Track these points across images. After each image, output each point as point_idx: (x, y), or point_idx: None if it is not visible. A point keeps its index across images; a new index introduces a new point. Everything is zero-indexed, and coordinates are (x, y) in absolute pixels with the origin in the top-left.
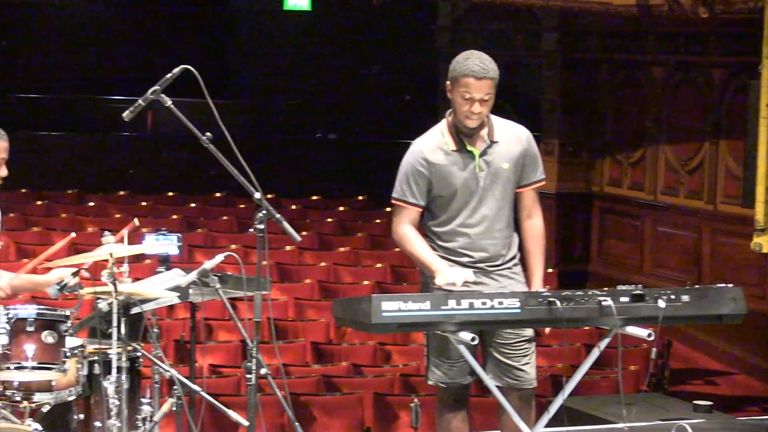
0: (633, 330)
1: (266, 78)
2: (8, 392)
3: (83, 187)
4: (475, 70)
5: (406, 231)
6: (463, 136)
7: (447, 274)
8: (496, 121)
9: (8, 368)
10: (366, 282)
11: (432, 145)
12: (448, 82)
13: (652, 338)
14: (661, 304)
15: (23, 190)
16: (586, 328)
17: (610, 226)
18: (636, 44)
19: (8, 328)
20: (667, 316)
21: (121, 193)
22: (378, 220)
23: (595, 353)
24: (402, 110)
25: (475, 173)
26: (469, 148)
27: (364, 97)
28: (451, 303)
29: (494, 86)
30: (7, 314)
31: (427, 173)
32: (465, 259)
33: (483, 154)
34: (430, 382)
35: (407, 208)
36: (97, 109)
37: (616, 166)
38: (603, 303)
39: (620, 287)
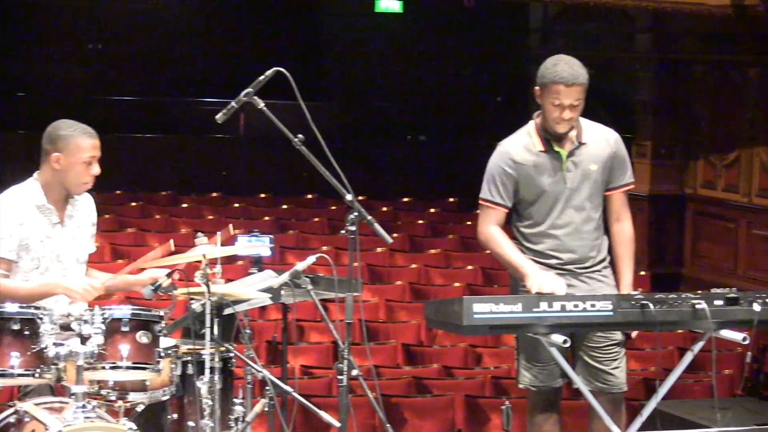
0: (727, 333)
1: (357, 80)
2: (103, 391)
3: (177, 189)
4: (564, 76)
5: (493, 232)
6: (551, 138)
7: (539, 280)
8: (585, 123)
9: (103, 368)
10: (457, 284)
11: (519, 146)
12: (536, 88)
13: (746, 342)
14: (756, 307)
15: (118, 192)
16: (680, 331)
17: (704, 228)
18: (731, 45)
19: (103, 328)
20: (762, 319)
21: (214, 194)
22: (469, 222)
23: (688, 357)
24: (493, 112)
25: (563, 174)
26: (556, 149)
27: (455, 98)
28: (543, 305)
29: (584, 91)
30: (103, 314)
31: (515, 174)
32: (553, 261)
33: (571, 155)
34: (520, 386)
35: (494, 208)
36: (190, 111)
37: (710, 168)
38: (697, 306)
39: (714, 290)
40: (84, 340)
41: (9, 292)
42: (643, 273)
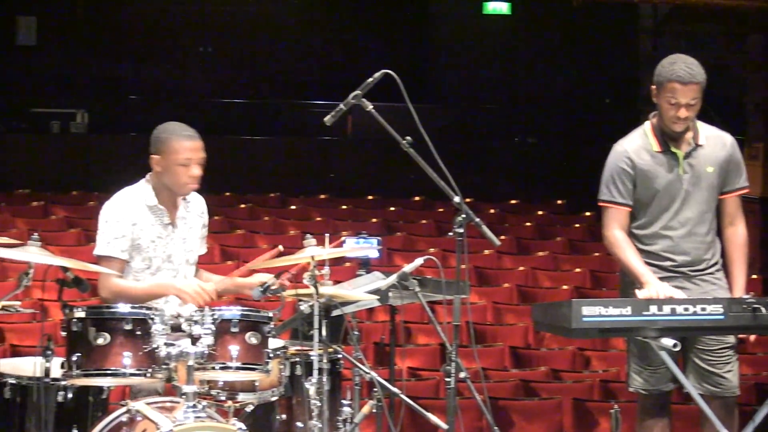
0: None
1: (465, 82)
2: (213, 392)
3: (286, 191)
4: (681, 75)
5: (617, 236)
6: (667, 138)
7: (656, 290)
8: (701, 125)
9: (213, 368)
10: (565, 287)
11: (636, 146)
12: (653, 86)
13: None
14: None
15: (228, 194)
16: None
17: None
18: None
19: (213, 328)
20: None
21: (322, 196)
22: (577, 225)
23: None
24: (602, 114)
25: (679, 175)
26: (673, 149)
27: (563, 100)
28: (653, 308)
29: (701, 90)
30: (212, 315)
31: (632, 173)
32: (667, 263)
33: (687, 156)
34: (631, 389)
35: (616, 209)
36: (299, 113)
37: None
38: None
39: None
40: (194, 340)
41: (123, 291)
42: (754, 276)
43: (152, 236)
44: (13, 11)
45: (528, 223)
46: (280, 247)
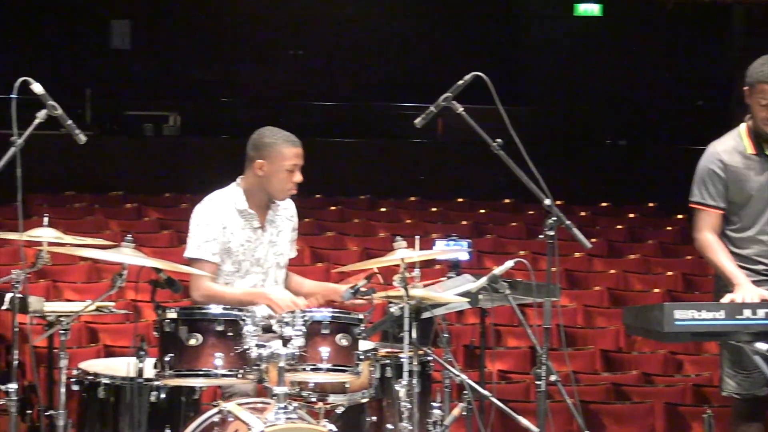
0: None
1: (556, 84)
2: (304, 393)
3: (375, 193)
4: None
5: (709, 239)
6: (762, 141)
7: (747, 293)
8: None
9: (304, 369)
10: (656, 290)
11: (729, 148)
12: (746, 87)
13: None
14: None
15: (318, 196)
16: None
17: None
18: None
19: (304, 330)
20: None
21: (412, 198)
22: (669, 228)
23: None
24: (694, 116)
25: None
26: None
27: (655, 102)
28: (747, 312)
29: None
30: (303, 317)
31: (723, 175)
32: (760, 267)
33: None
34: (724, 393)
35: (707, 211)
36: (389, 115)
37: None
38: None
39: None
40: (285, 342)
41: (215, 295)
42: None
43: (242, 240)
44: (107, 15)
45: (619, 226)
46: (375, 269)
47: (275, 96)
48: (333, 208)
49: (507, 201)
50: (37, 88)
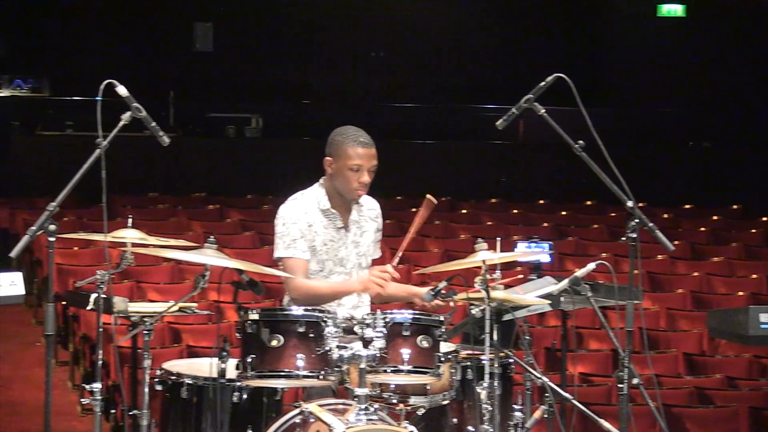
0: None
1: (639, 85)
2: (385, 394)
3: (456, 195)
4: None
5: None
6: None
7: None
8: None
9: (385, 371)
10: (741, 293)
11: None
12: None
13: None
14: None
15: (399, 197)
16: None
17: None
18: None
19: (385, 331)
20: None
21: (493, 200)
22: (753, 230)
23: None
24: None
25: None
26: None
27: (739, 103)
28: None
29: None
30: (384, 318)
31: None
32: None
33: None
34: None
35: None
36: (470, 117)
37: None
38: None
39: None
40: (366, 343)
41: (311, 290)
42: None
43: (325, 239)
44: (191, 18)
45: (702, 228)
46: (429, 197)
47: (356, 97)
48: (414, 210)
49: (589, 203)
50: (122, 90)
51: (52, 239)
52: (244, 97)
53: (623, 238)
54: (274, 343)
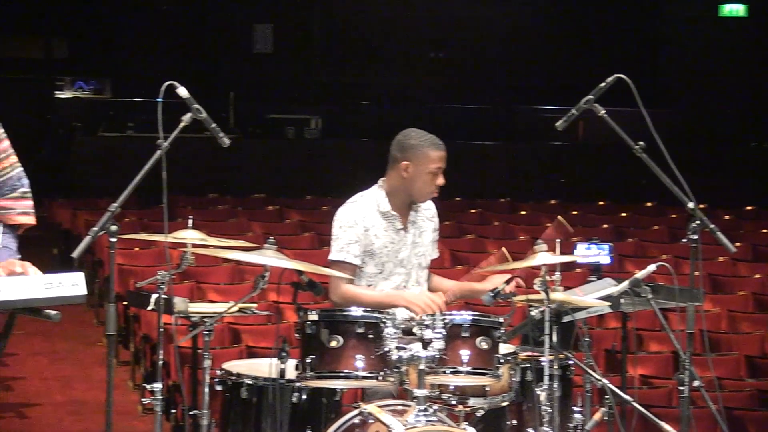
0: None
1: (699, 86)
2: (444, 396)
3: (515, 196)
4: None
5: None
6: None
7: None
8: None
9: (444, 372)
10: None
11: None
12: None
13: None
14: None
15: (458, 198)
16: None
17: None
18: None
19: (444, 333)
20: None
21: (552, 202)
22: None
23: None
24: None
25: None
26: None
27: None
28: None
29: None
30: (443, 320)
31: None
32: None
33: None
34: None
35: None
36: (530, 118)
37: None
38: None
39: None
40: (426, 344)
41: (353, 297)
42: None
43: (385, 242)
44: (250, 20)
45: (765, 230)
46: (504, 250)
47: (416, 98)
48: (473, 210)
49: (649, 204)
50: (183, 91)
51: (113, 240)
52: (304, 99)
53: (684, 240)
54: (333, 343)
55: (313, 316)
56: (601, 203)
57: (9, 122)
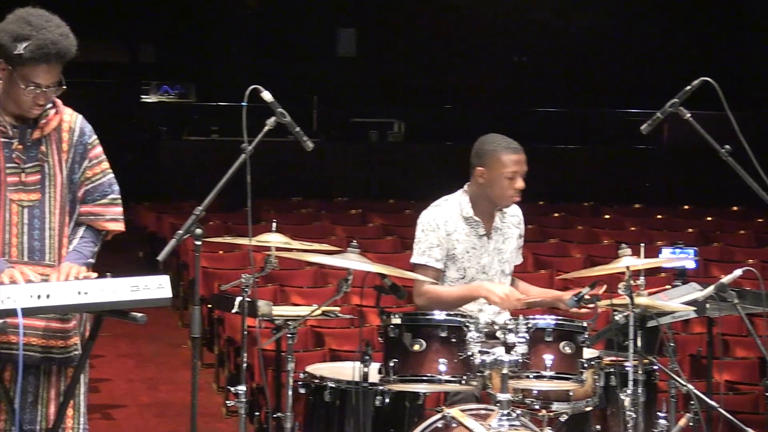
0: None
1: None
2: (527, 400)
3: (599, 200)
4: None
5: None
6: None
7: None
8: None
9: (527, 377)
10: None
11: None
12: None
13: None
14: None
15: (541, 202)
16: None
17: None
18: None
19: (527, 337)
20: None
21: (636, 206)
22: None
23: None
24: None
25: None
26: None
27: None
28: None
29: None
30: (527, 324)
31: None
32: None
33: None
34: None
35: None
36: (613, 121)
37: None
38: None
39: None
40: (509, 348)
41: (436, 297)
42: None
43: (467, 247)
44: (334, 24)
45: None
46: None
47: (499, 102)
48: (556, 215)
49: (735, 208)
50: (267, 95)
51: (198, 243)
52: (387, 102)
53: None
54: (416, 347)
55: (396, 320)
56: (686, 207)
57: (95, 126)
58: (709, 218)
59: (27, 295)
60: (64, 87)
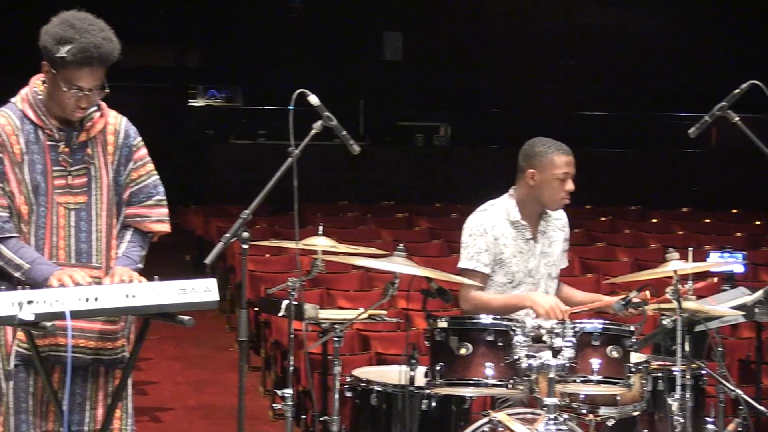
0: None
1: None
2: (574, 405)
3: (646, 204)
4: None
5: None
6: None
7: None
8: None
9: (574, 381)
10: None
11: None
12: None
13: None
14: None
15: (587, 206)
16: None
17: None
18: None
19: (574, 341)
20: None
21: (684, 209)
22: None
23: None
24: None
25: None
26: None
27: None
28: None
29: None
30: (574, 328)
31: None
32: None
33: None
34: None
35: None
36: (661, 125)
37: None
38: None
39: None
40: (556, 352)
41: (482, 303)
42: None
43: (514, 251)
44: (380, 27)
45: None
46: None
47: (545, 106)
48: (603, 218)
49: None
50: (313, 99)
51: (245, 246)
52: (433, 106)
53: None
54: (462, 351)
55: (443, 324)
56: (734, 211)
57: (142, 130)
58: (757, 222)
59: (75, 298)
60: (107, 90)
